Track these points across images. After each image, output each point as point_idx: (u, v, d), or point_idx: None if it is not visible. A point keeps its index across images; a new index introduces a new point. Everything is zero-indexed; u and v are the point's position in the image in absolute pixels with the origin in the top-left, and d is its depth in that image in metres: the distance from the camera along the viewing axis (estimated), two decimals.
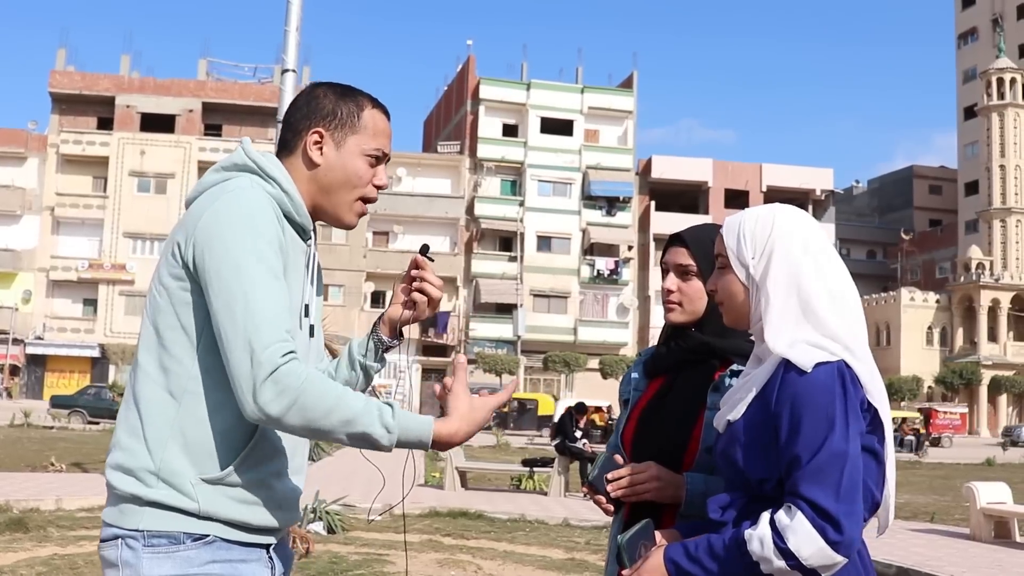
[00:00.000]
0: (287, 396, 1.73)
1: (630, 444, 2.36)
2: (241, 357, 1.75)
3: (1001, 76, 67.30)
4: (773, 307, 1.86)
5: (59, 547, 8.58)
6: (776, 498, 1.78)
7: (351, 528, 10.14)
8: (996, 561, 9.69)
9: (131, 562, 1.84)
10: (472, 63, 61.65)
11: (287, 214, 1.98)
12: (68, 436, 24.59)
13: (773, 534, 1.71)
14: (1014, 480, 15.79)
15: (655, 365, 2.41)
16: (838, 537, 1.68)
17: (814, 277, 1.87)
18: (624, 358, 56.07)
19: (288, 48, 10.25)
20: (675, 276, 2.35)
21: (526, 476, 16.15)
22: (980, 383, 60.98)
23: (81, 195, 56.06)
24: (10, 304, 53.59)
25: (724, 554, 1.77)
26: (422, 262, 2.16)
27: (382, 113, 2.08)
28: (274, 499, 1.94)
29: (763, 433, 1.81)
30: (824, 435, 1.71)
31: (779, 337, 1.82)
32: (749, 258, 1.90)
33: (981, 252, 65.12)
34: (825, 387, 1.75)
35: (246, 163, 1.99)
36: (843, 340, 1.81)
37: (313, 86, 2.12)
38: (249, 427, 1.89)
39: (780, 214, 1.94)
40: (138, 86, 57.84)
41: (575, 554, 9.47)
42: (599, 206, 59.84)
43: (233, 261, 1.81)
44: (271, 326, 1.77)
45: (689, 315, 2.33)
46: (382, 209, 57.00)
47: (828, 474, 1.70)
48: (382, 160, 2.07)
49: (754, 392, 1.85)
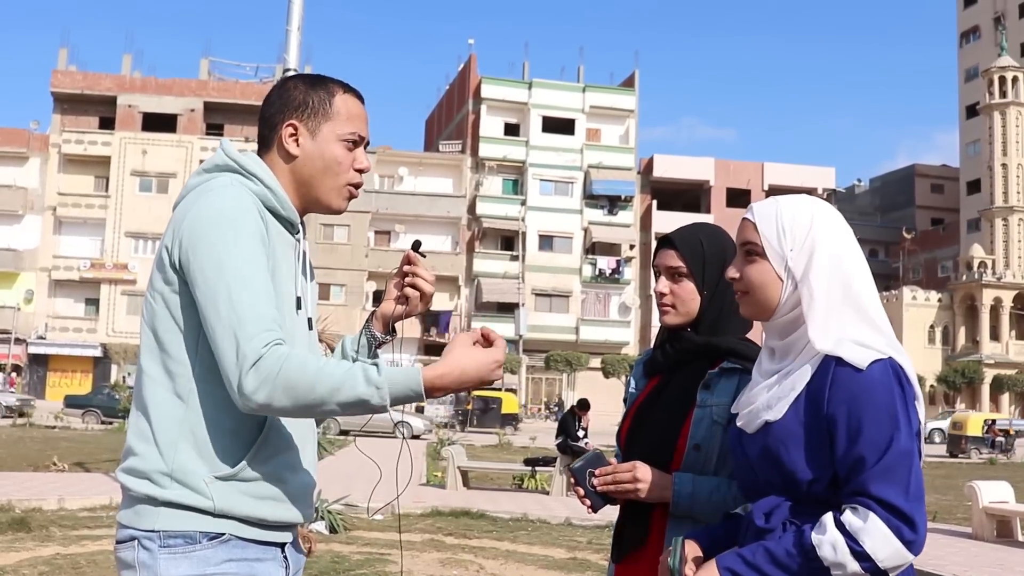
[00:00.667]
0: (269, 380, 1.75)
1: (624, 443, 2.39)
2: (227, 350, 1.78)
3: (1003, 75, 67.22)
4: (818, 303, 1.81)
5: (61, 547, 8.59)
6: (826, 499, 1.76)
7: (353, 528, 10.15)
8: (998, 560, 9.68)
9: (148, 563, 1.85)
10: (473, 62, 61.63)
11: (272, 209, 2.00)
12: (70, 436, 24.61)
13: (846, 538, 1.67)
14: (1016, 479, 15.78)
15: (652, 366, 2.43)
16: (912, 536, 1.66)
17: (861, 273, 1.86)
18: (626, 357, 56.07)
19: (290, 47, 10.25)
20: (666, 278, 2.36)
21: (528, 475, 16.16)
22: (982, 382, 60.94)
23: (83, 195, 56.07)
24: (12, 304, 53.63)
25: (787, 560, 1.71)
26: (414, 258, 2.17)
27: (354, 97, 2.09)
28: (289, 493, 1.95)
29: (814, 433, 1.77)
30: (890, 434, 1.69)
31: (826, 334, 1.78)
32: (788, 250, 1.86)
33: (983, 251, 65.06)
34: (884, 385, 1.72)
35: (227, 163, 2.01)
36: (888, 335, 1.80)
37: (283, 80, 2.14)
38: (258, 421, 1.90)
39: (818, 207, 1.91)
40: (140, 86, 57.85)
41: (577, 553, 9.47)
42: (601, 205, 59.81)
43: (216, 258, 1.83)
44: (255, 318, 1.79)
45: (683, 316, 2.34)
46: (384, 209, 57.02)
47: (898, 473, 1.68)
48: (360, 143, 2.08)
49: (797, 391, 1.81)
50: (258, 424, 1.90)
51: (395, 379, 1.80)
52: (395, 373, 1.80)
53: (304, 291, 2.07)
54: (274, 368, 1.75)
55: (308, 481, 2.03)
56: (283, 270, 1.98)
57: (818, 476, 1.77)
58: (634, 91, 62.15)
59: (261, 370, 1.75)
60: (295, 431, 1.99)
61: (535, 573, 8.43)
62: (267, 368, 1.75)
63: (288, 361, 1.76)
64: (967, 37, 76.54)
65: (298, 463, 1.99)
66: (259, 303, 1.81)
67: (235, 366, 1.77)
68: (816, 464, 1.77)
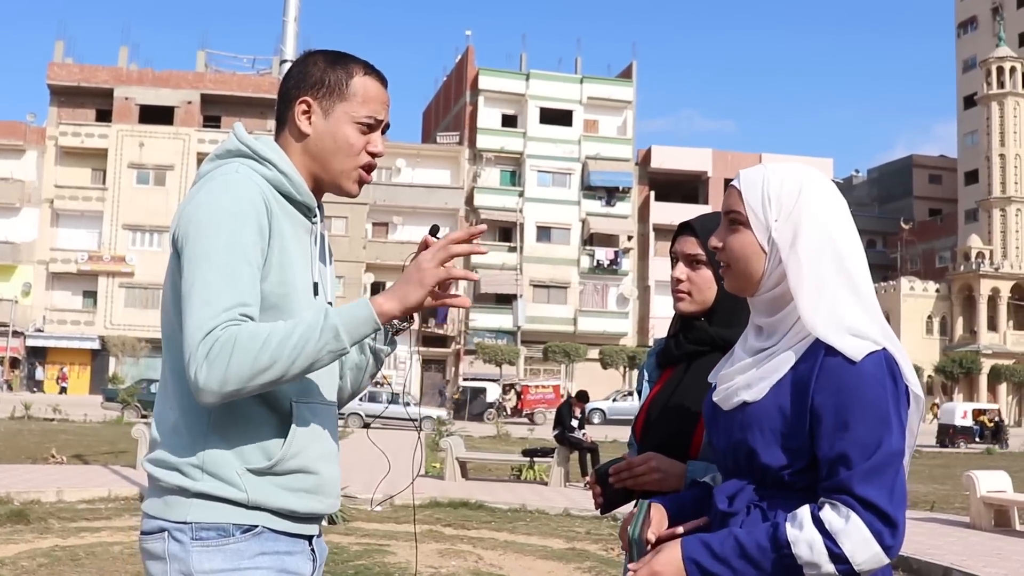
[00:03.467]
0: (218, 359, 1.70)
1: (640, 435, 2.37)
2: (188, 343, 1.74)
3: (1001, 65, 67.15)
4: (807, 279, 1.69)
5: (60, 539, 8.59)
6: (791, 484, 1.68)
7: (352, 519, 10.15)
8: (996, 549, 9.70)
9: (179, 556, 1.81)
10: (471, 54, 61.51)
11: (286, 195, 1.95)
12: (68, 428, 24.61)
13: (825, 538, 1.58)
14: (1014, 469, 15.80)
15: (665, 356, 2.41)
16: (892, 541, 1.58)
17: (855, 250, 1.73)
18: (624, 348, 56.07)
19: (287, 39, 10.22)
20: (684, 265, 2.34)
21: (526, 466, 16.17)
22: (980, 372, 60.96)
23: (80, 187, 55.94)
24: (10, 297, 53.55)
25: (758, 555, 1.61)
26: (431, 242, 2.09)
27: (375, 79, 2.02)
28: (318, 484, 1.92)
29: (792, 420, 1.67)
30: (880, 435, 1.59)
31: (817, 315, 1.67)
32: (772, 220, 1.74)
33: (981, 241, 65.07)
34: (876, 380, 1.62)
35: (239, 148, 1.97)
36: (881, 321, 1.70)
37: (306, 54, 2.08)
38: (285, 413, 1.87)
39: (808, 175, 1.77)
40: (136, 78, 57.68)
41: (576, 544, 9.48)
42: (599, 196, 59.77)
43: (202, 250, 1.79)
44: (217, 315, 1.73)
45: (698, 305, 2.32)
46: (381, 200, 56.94)
47: (885, 474, 1.59)
48: (376, 127, 2.02)
49: (781, 374, 1.70)
50: (286, 416, 1.88)
51: (349, 315, 1.76)
52: (344, 311, 1.76)
53: (322, 276, 2.02)
54: (222, 344, 1.70)
55: (335, 472, 2.00)
56: (296, 256, 1.93)
57: (789, 463, 1.67)
58: (632, 82, 62.06)
59: (210, 353, 1.70)
60: (321, 421, 1.96)
61: (534, 563, 8.43)
62: (215, 350, 1.70)
63: (237, 334, 1.71)
64: (965, 27, 76.43)
65: (326, 453, 1.96)
66: (232, 300, 1.76)
67: (189, 361, 1.72)
68: (789, 451, 1.67)
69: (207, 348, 1.71)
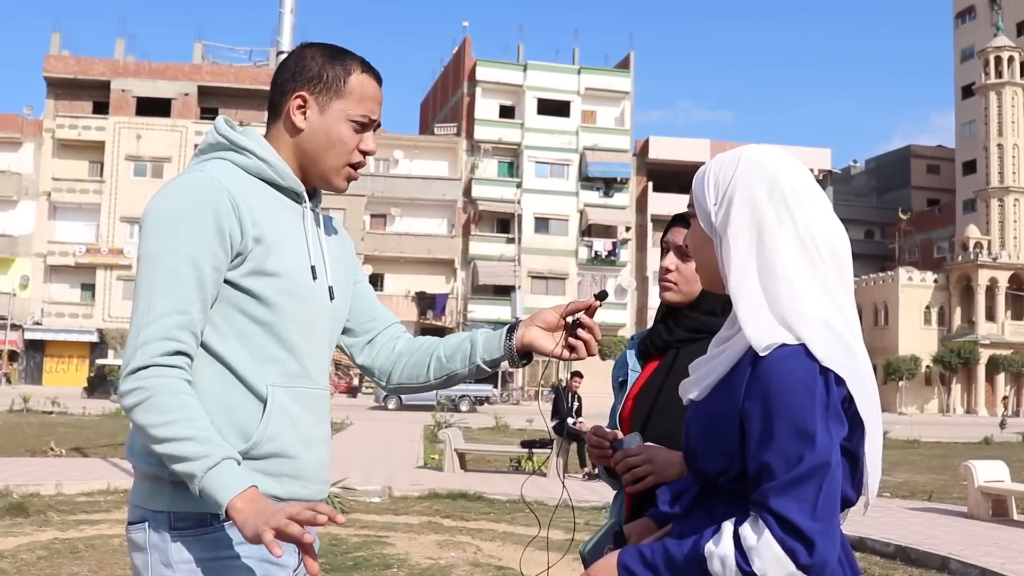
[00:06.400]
0: (139, 395, 1.75)
1: (628, 426, 2.36)
2: (129, 344, 1.79)
3: (999, 55, 67.02)
4: (735, 262, 1.59)
5: (59, 531, 8.61)
6: (734, 491, 1.59)
7: (351, 511, 10.16)
8: (993, 539, 9.72)
9: (159, 545, 1.81)
10: (468, 45, 61.39)
11: (270, 181, 1.95)
12: (67, 421, 24.60)
13: (737, 554, 1.49)
14: (1012, 459, 15.82)
15: (650, 346, 2.41)
16: (809, 560, 1.46)
17: (777, 222, 1.58)
18: (622, 339, 56.07)
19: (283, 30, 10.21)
20: (674, 255, 2.34)
21: (525, 457, 16.16)
22: (978, 362, 61.07)
23: (77, 180, 55.89)
24: (8, 290, 53.51)
25: (684, 565, 1.55)
26: (593, 305, 2.04)
27: (372, 78, 2.02)
28: (300, 469, 1.91)
29: (726, 423, 1.58)
30: (801, 448, 1.47)
31: (739, 300, 1.58)
32: (711, 205, 1.65)
33: (979, 231, 65.04)
34: (803, 387, 1.49)
35: (219, 141, 1.97)
36: (817, 305, 1.55)
37: (302, 47, 2.07)
38: (262, 397, 1.87)
39: (747, 152, 1.65)
40: (133, 70, 57.57)
41: (574, 535, 9.49)
42: (596, 187, 59.74)
43: (146, 251, 1.83)
44: (161, 322, 1.78)
45: (684, 295, 2.33)
46: (379, 192, 56.87)
47: (805, 489, 1.46)
48: (369, 126, 2.02)
49: (723, 372, 1.62)
50: (263, 400, 1.87)
51: (215, 479, 1.68)
52: (216, 480, 1.69)
53: (321, 259, 2.00)
54: (148, 387, 1.75)
55: (319, 457, 1.97)
56: (288, 242, 1.92)
57: (724, 469, 1.59)
58: (629, 73, 61.97)
59: (140, 380, 1.75)
60: (305, 405, 1.94)
61: (532, 554, 8.45)
62: (145, 384, 1.75)
63: (163, 391, 1.75)
64: (962, 17, 76.29)
65: (307, 438, 1.94)
66: (174, 308, 1.79)
67: (126, 360, 1.78)
68: (726, 456, 1.58)
69: (133, 384, 1.76)
